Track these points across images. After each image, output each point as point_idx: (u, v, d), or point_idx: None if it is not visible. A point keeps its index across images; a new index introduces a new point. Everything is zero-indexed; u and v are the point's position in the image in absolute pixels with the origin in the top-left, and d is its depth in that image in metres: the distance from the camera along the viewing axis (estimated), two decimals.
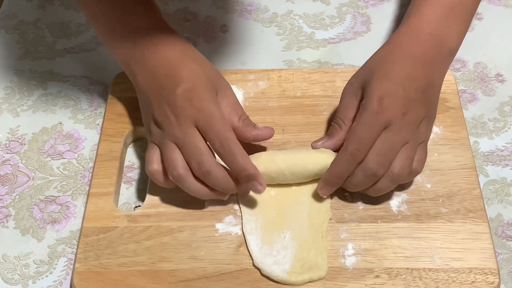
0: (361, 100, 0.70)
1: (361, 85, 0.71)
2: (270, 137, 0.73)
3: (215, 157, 0.68)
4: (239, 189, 0.69)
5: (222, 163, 0.68)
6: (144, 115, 0.73)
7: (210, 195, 0.69)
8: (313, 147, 0.73)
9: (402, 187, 0.72)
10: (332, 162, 0.69)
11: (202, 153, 0.67)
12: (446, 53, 0.74)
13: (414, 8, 0.75)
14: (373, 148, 0.67)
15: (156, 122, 0.70)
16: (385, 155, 0.67)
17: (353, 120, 0.71)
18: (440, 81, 0.73)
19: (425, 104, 0.70)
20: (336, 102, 0.79)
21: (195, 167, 0.67)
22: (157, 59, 0.72)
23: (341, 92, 0.77)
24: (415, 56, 0.71)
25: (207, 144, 0.68)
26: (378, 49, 0.74)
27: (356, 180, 0.68)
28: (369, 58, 0.74)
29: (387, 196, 0.71)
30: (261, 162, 0.70)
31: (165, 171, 0.69)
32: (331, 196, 0.72)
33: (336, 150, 0.71)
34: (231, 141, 0.67)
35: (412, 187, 0.73)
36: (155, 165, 0.69)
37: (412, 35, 0.73)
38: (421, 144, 0.69)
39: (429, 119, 0.71)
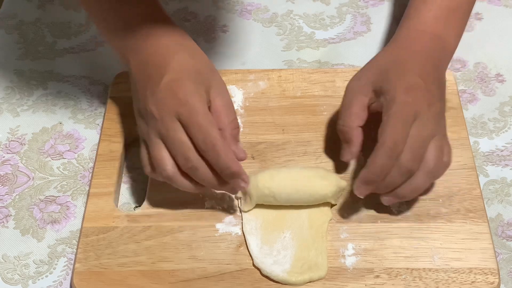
0: (371, 98, 0.69)
1: (372, 82, 0.70)
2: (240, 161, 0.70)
3: None
4: (224, 188, 0.67)
5: None
6: (134, 106, 0.72)
7: (200, 189, 0.68)
8: (345, 161, 0.71)
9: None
10: (370, 160, 0.65)
11: (188, 148, 0.65)
12: (446, 54, 0.74)
13: (413, 10, 0.76)
14: (406, 143, 0.65)
15: (140, 115, 0.69)
16: (418, 150, 0.65)
17: (360, 115, 0.69)
18: (445, 81, 0.73)
19: (441, 98, 0.70)
20: (336, 102, 0.79)
21: (182, 162, 0.65)
22: (150, 48, 0.70)
23: (342, 91, 0.77)
24: (422, 54, 0.71)
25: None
26: (381, 51, 0.74)
27: (390, 178, 0.66)
28: (373, 60, 0.73)
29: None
30: (260, 197, 0.70)
31: None
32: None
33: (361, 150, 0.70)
34: (214, 137, 0.64)
35: None
36: (148, 167, 0.68)
37: (414, 36, 0.73)
38: (444, 137, 0.69)
39: (444, 113, 0.70)
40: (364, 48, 0.89)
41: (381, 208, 0.71)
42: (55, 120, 0.81)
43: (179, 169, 0.66)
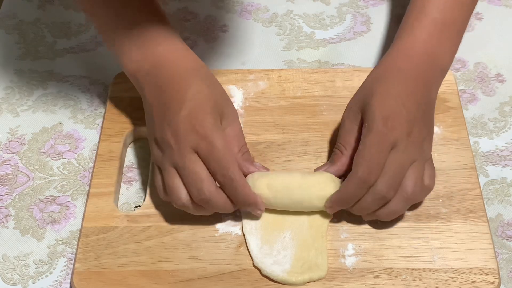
0: (361, 123, 0.69)
1: (360, 107, 0.69)
2: None
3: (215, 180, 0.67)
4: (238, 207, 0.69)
5: None
6: (148, 131, 0.71)
7: (212, 213, 0.69)
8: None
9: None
10: (342, 185, 0.67)
11: (201, 180, 0.65)
12: (439, 72, 0.73)
13: (407, 27, 0.74)
14: (383, 170, 0.65)
15: (157, 143, 0.69)
16: (394, 177, 0.65)
17: (355, 144, 0.69)
18: (435, 99, 0.72)
19: (425, 123, 0.69)
20: (336, 102, 0.79)
21: (195, 194, 0.66)
22: (165, 76, 0.70)
23: (342, 91, 0.77)
24: (412, 75, 0.70)
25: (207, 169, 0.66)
26: (373, 70, 0.73)
27: (364, 203, 0.66)
28: (365, 80, 0.73)
29: None
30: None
31: None
32: None
33: (339, 176, 0.70)
34: (233, 172, 0.65)
35: None
36: (163, 193, 0.68)
37: (406, 55, 0.72)
38: (427, 161, 0.68)
39: (430, 137, 0.70)
40: (364, 48, 0.89)
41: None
42: (55, 120, 0.81)
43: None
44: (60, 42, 0.90)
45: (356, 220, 0.70)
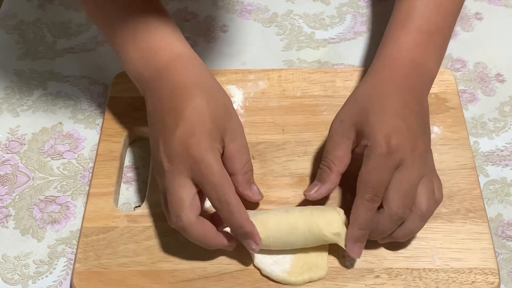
0: (354, 141, 0.67)
1: (354, 124, 0.67)
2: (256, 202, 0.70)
3: (201, 208, 0.65)
4: (226, 245, 0.66)
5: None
6: (151, 146, 0.69)
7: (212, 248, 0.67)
8: (306, 197, 0.68)
9: None
10: (352, 216, 0.65)
11: (182, 206, 0.63)
12: (427, 80, 0.72)
13: (391, 36, 0.73)
14: (393, 190, 0.64)
15: (155, 161, 0.67)
16: (407, 196, 0.64)
17: (345, 159, 0.67)
18: (428, 107, 0.71)
19: (425, 133, 0.68)
20: (336, 102, 0.79)
21: (173, 219, 0.64)
22: (166, 88, 0.68)
23: (342, 91, 0.77)
24: (403, 86, 0.69)
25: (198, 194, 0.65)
26: (361, 84, 0.72)
27: (382, 227, 0.65)
28: (353, 95, 0.71)
29: None
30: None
31: None
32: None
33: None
34: (228, 196, 0.63)
35: None
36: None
37: (394, 66, 0.71)
38: (432, 173, 0.67)
39: (430, 145, 0.69)
40: (364, 48, 0.89)
41: None
42: (55, 120, 0.81)
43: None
44: (60, 42, 0.90)
45: None
